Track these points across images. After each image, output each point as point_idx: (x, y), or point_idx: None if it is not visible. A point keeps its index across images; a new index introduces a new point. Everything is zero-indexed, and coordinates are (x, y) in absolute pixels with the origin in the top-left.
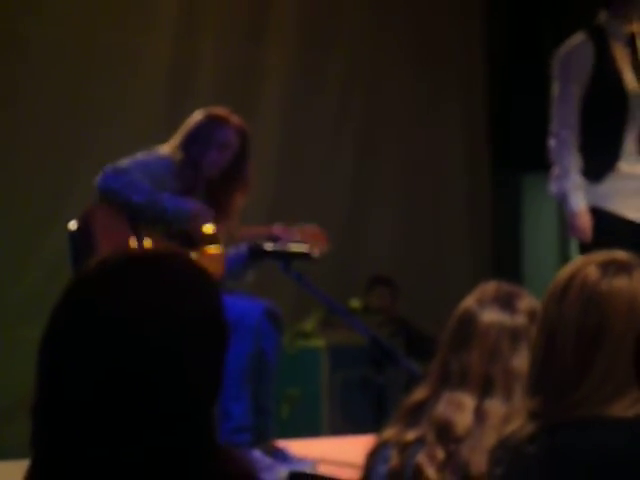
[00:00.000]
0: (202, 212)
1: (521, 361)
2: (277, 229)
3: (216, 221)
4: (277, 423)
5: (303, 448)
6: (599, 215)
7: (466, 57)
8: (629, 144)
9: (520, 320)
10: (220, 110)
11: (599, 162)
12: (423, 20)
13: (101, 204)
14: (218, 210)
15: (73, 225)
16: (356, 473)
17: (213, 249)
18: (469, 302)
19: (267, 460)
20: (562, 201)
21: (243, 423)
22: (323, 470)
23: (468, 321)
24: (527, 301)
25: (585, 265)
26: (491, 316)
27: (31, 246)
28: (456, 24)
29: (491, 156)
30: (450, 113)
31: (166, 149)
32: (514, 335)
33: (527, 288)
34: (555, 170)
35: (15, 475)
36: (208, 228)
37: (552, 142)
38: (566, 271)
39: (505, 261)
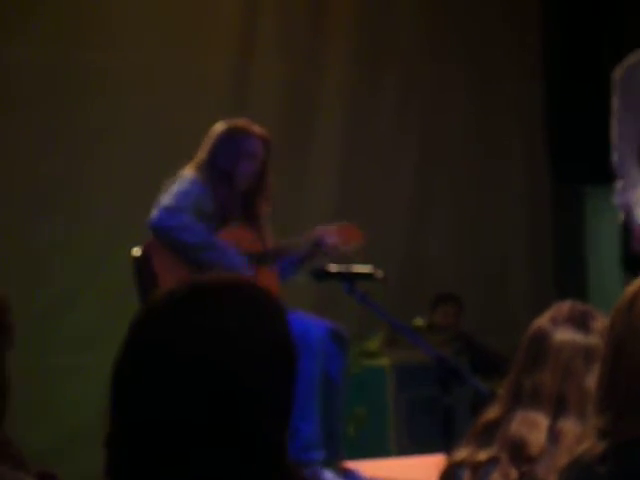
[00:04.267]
0: (245, 270)
1: (595, 381)
2: (317, 231)
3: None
4: (345, 443)
5: (372, 469)
6: None
7: (524, 71)
8: None
9: (594, 340)
10: (240, 121)
11: None
12: (479, 32)
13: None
14: (253, 222)
15: (137, 252)
16: None
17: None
18: (543, 321)
19: None
20: (627, 214)
21: (312, 441)
22: None
23: (542, 340)
24: (601, 321)
25: None
26: (565, 335)
27: (87, 274)
28: (514, 38)
29: (551, 170)
30: (508, 128)
31: (191, 169)
32: (588, 354)
33: (591, 304)
34: (619, 183)
35: None
36: None
37: (614, 156)
38: (633, 286)
39: (567, 277)
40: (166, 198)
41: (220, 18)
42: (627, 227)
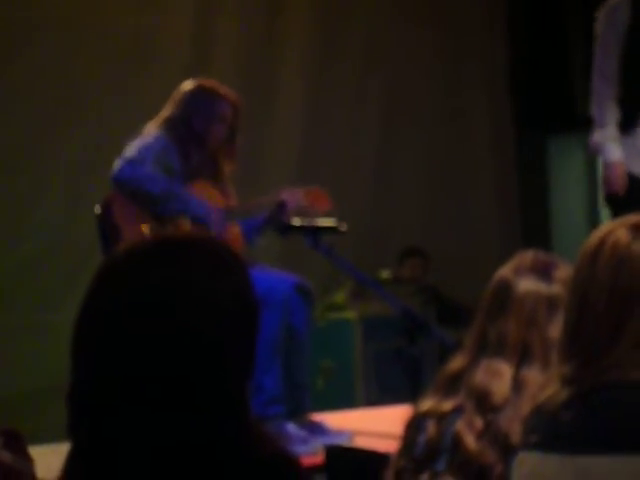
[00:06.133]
0: (217, 218)
1: (558, 330)
2: (283, 193)
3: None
4: (312, 396)
5: (339, 421)
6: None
7: (488, 22)
8: None
9: (557, 289)
10: (210, 82)
11: (629, 115)
12: None
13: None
14: (216, 181)
15: (98, 209)
16: (393, 444)
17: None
18: (506, 271)
19: (301, 433)
20: (598, 153)
21: (275, 395)
22: (360, 442)
23: (505, 290)
24: (564, 271)
25: (616, 228)
26: (528, 284)
27: (61, 231)
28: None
29: (515, 118)
30: (472, 80)
31: (155, 126)
32: (551, 304)
33: (556, 253)
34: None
35: (51, 459)
36: None
37: (592, 95)
38: (597, 234)
39: (533, 226)
40: (128, 151)
41: None
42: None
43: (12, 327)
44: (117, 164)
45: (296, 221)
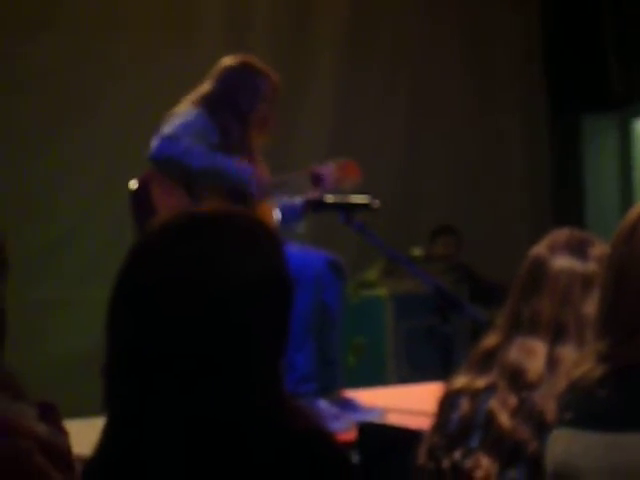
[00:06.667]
0: (258, 176)
1: (593, 308)
2: (315, 168)
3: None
4: (343, 373)
5: (371, 397)
6: None
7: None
8: None
9: (592, 267)
10: (252, 58)
11: None
12: None
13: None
14: (250, 156)
15: (134, 184)
16: (425, 421)
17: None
18: (540, 248)
19: (333, 410)
20: None
21: (307, 373)
22: (392, 419)
23: (539, 267)
24: (599, 248)
25: None
26: (562, 262)
27: (90, 208)
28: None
29: (549, 97)
30: (503, 57)
31: (192, 102)
32: (585, 281)
33: (589, 230)
34: None
35: (86, 433)
36: None
37: None
38: (635, 211)
39: (566, 205)
40: (166, 128)
41: None
42: None
43: (45, 302)
44: (154, 142)
45: (329, 198)
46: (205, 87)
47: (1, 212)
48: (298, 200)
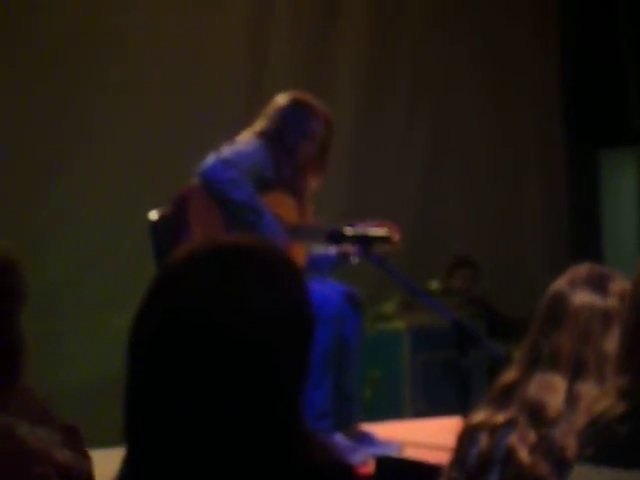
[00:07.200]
0: (284, 245)
1: (613, 344)
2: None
3: (297, 208)
4: (360, 406)
5: (388, 431)
6: None
7: (539, 31)
8: None
9: (612, 302)
10: (307, 97)
11: None
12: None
13: (197, 187)
14: (299, 196)
15: (154, 215)
16: (442, 456)
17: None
18: (561, 283)
19: (349, 444)
20: None
21: (324, 409)
22: (409, 453)
23: (559, 302)
24: (620, 283)
25: None
26: (583, 297)
27: (114, 234)
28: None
29: (566, 132)
30: (522, 88)
31: (250, 135)
32: (606, 317)
33: (607, 266)
34: None
35: (105, 464)
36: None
37: None
38: None
39: (584, 241)
40: (227, 151)
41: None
42: None
43: (65, 330)
44: (210, 160)
45: (349, 230)
46: (258, 124)
47: (20, 238)
48: (332, 251)
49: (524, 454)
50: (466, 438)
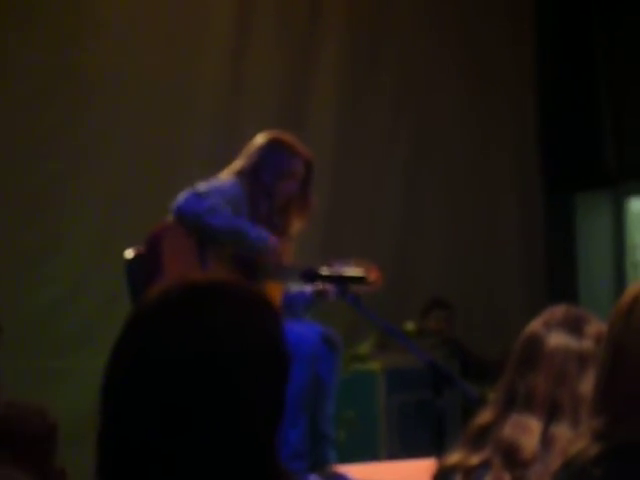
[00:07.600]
0: (276, 246)
1: (588, 386)
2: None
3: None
4: (335, 447)
5: (362, 473)
6: None
7: (517, 76)
8: None
9: (588, 344)
10: (286, 136)
11: None
12: (474, 32)
13: (171, 225)
14: (280, 235)
15: (129, 253)
16: None
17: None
18: (536, 325)
19: None
20: None
21: (299, 449)
22: None
23: (535, 344)
24: (595, 326)
25: None
26: (558, 339)
27: (85, 274)
28: (507, 46)
29: (542, 175)
30: (499, 132)
31: (229, 174)
32: (581, 359)
33: (582, 307)
34: None
35: None
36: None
37: None
38: (632, 289)
39: (560, 283)
40: (202, 186)
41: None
42: None
43: (39, 370)
44: (184, 194)
45: (324, 270)
46: (237, 163)
47: None
48: (307, 290)
49: None
50: (441, 479)
